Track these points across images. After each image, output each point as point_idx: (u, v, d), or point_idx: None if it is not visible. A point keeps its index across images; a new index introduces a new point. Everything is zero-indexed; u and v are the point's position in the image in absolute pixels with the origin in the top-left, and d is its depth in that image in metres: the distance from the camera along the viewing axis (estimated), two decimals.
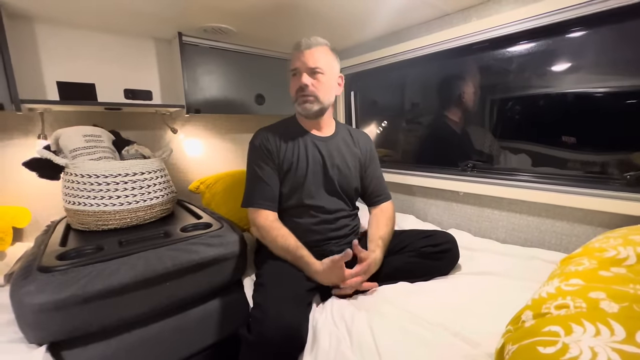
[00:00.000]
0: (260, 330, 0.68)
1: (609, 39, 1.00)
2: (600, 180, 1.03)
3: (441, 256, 0.97)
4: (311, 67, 0.97)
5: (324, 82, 0.99)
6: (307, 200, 1.03)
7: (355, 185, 1.11)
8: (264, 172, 1.01)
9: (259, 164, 1.02)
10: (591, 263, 0.63)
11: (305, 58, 0.98)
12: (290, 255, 0.93)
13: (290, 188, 1.04)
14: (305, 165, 1.04)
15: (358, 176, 1.13)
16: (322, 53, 0.99)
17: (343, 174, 1.08)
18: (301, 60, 0.98)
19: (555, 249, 1.09)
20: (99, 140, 1.17)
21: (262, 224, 0.99)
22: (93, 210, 1.05)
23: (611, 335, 0.40)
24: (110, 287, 0.77)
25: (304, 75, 0.97)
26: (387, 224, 1.06)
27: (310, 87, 0.98)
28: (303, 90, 0.98)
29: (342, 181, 1.08)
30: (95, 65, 1.36)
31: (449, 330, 0.71)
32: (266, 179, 1.01)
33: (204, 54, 1.51)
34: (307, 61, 0.97)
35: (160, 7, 1.16)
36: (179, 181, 1.70)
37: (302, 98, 1.00)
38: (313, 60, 0.97)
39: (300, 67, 0.98)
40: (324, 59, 0.99)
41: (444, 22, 1.30)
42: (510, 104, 1.26)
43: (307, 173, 1.03)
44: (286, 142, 1.04)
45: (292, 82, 1.02)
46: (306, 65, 0.97)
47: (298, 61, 0.99)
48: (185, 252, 0.91)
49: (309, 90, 0.98)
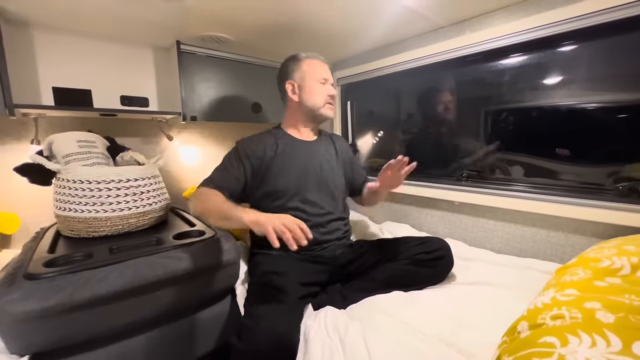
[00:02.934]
0: (250, 339, 0.66)
1: (600, 53, 1.02)
2: (594, 191, 1.04)
3: (435, 263, 0.97)
4: (332, 82, 1.13)
5: None
6: (300, 203, 1.05)
7: (342, 184, 1.18)
8: (231, 164, 1.05)
9: (230, 159, 1.06)
10: (586, 273, 0.63)
11: (328, 71, 1.12)
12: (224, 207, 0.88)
13: (281, 191, 1.04)
14: (299, 168, 1.07)
15: (343, 175, 1.20)
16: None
17: (332, 174, 1.14)
18: (329, 72, 1.12)
19: (550, 259, 1.09)
20: (92, 146, 1.16)
21: (200, 190, 0.99)
22: (84, 216, 1.03)
23: (607, 346, 0.39)
24: (99, 295, 0.75)
25: (332, 86, 1.12)
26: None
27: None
28: (333, 99, 1.11)
29: (332, 181, 1.13)
30: (92, 71, 1.36)
31: (443, 341, 0.69)
32: (228, 171, 1.04)
33: (201, 62, 1.52)
34: (330, 75, 1.12)
35: (160, 16, 1.17)
36: (173, 188, 1.69)
37: (329, 105, 1.10)
38: (331, 75, 1.13)
39: (330, 78, 1.12)
40: None
41: (438, 34, 1.33)
42: (504, 115, 1.28)
43: (302, 175, 1.06)
44: (275, 148, 1.08)
45: (320, 89, 1.09)
46: (331, 78, 1.12)
47: (327, 73, 1.11)
48: (178, 260, 0.89)
49: (334, 100, 1.12)
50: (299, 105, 1.10)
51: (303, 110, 1.10)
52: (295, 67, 1.09)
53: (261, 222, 0.75)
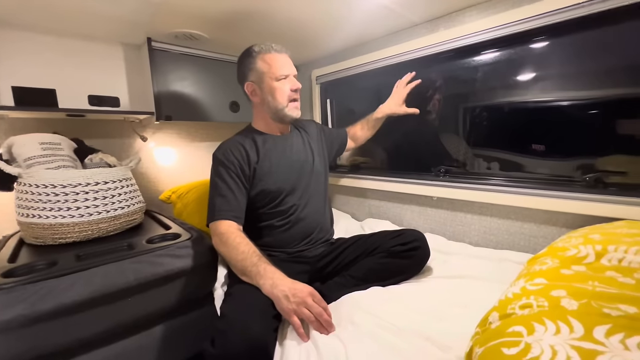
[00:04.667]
0: (224, 344, 0.64)
1: (569, 50, 1.05)
2: (563, 183, 1.08)
3: (411, 254, 0.97)
4: (295, 73, 1.02)
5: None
6: (295, 200, 1.05)
7: (323, 169, 1.18)
8: (228, 184, 0.96)
9: (222, 177, 0.97)
10: (554, 262, 0.64)
11: (290, 63, 1.02)
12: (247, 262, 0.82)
13: (270, 191, 1.02)
14: (282, 166, 1.05)
15: (324, 156, 1.20)
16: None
17: (313, 163, 1.13)
18: (289, 64, 1.01)
19: (525, 250, 1.12)
20: (57, 148, 1.10)
21: (222, 230, 0.90)
22: (49, 222, 0.98)
23: (570, 333, 0.40)
24: (63, 305, 0.71)
25: (295, 78, 1.01)
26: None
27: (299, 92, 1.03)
28: (297, 93, 1.02)
29: (317, 171, 1.12)
30: (57, 70, 1.29)
31: (422, 336, 0.70)
32: (230, 192, 0.96)
33: (175, 60, 1.47)
34: (291, 65, 1.02)
35: (128, 11, 1.13)
36: (149, 191, 1.63)
37: (294, 103, 1.02)
38: (292, 65, 1.02)
39: (291, 72, 1.00)
40: None
41: (413, 32, 1.34)
42: (478, 111, 1.30)
43: (291, 171, 1.05)
44: (256, 151, 1.03)
45: (283, 87, 0.99)
46: (293, 70, 1.01)
47: (287, 66, 1.00)
48: (150, 264, 0.86)
49: (299, 94, 1.03)
50: (262, 106, 1.05)
51: (268, 111, 1.04)
52: (250, 66, 1.01)
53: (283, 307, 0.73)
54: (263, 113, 1.07)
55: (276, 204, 1.03)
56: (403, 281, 0.97)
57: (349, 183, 1.72)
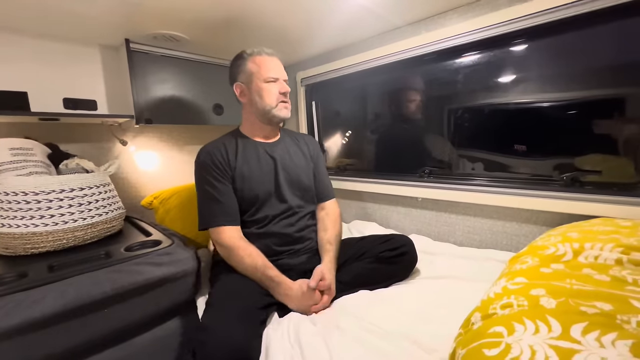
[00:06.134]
0: (204, 354, 0.62)
1: (547, 53, 1.08)
2: (542, 182, 1.10)
3: (399, 259, 0.98)
4: (285, 78, 1.04)
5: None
6: (266, 209, 1.01)
7: (309, 183, 1.12)
8: (217, 188, 0.97)
9: (209, 181, 0.98)
10: (534, 261, 0.65)
11: (280, 67, 1.03)
12: (258, 275, 0.89)
13: (247, 198, 1.00)
14: (260, 173, 1.02)
15: (311, 175, 1.14)
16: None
17: (298, 174, 1.09)
18: (279, 68, 1.03)
19: (507, 249, 1.14)
20: (29, 154, 1.05)
21: (227, 243, 0.94)
22: (20, 232, 0.93)
23: (549, 332, 0.41)
24: (32, 319, 0.67)
25: (285, 83, 1.03)
26: (334, 226, 1.08)
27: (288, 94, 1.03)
28: (286, 96, 1.03)
29: (299, 181, 1.08)
30: (29, 72, 1.24)
31: (408, 339, 0.69)
32: (221, 195, 0.97)
33: (155, 62, 1.44)
34: (283, 71, 1.04)
35: (104, 11, 1.09)
36: (130, 197, 1.59)
37: (283, 104, 1.03)
38: (284, 70, 1.04)
39: (280, 76, 1.02)
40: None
41: (396, 34, 1.35)
42: (461, 112, 1.33)
43: (262, 182, 1.02)
44: (236, 154, 1.02)
45: (271, 89, 1.00)
46: (283, 74, 1.03)
47: (277, 69, 1.02)
48: (128, 273, 0.83)
49: (288, 97, 1.04)
50: (250, 107, 1.04)
51: (256, 113, 1.04)
52: (240, 67, 1.02)
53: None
54: (251, 115, 1.06)
55: (252, 213, 1.01)
56: (390, 285, 0.97)
57: (335, 185, 1.70)
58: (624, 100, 0.96)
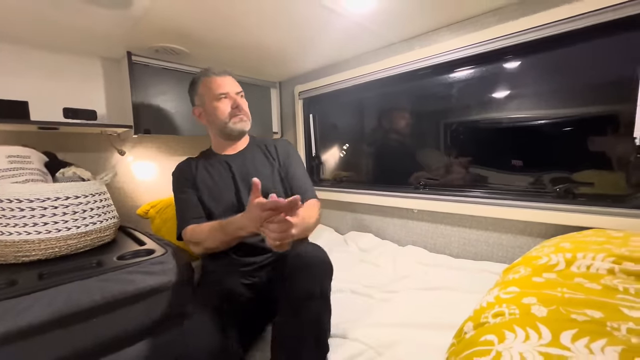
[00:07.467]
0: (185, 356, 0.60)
1: (540, 70, 1.10)
2: (536, 194, 1.11)
3: (307, 303, 0.73)
4: (237, 91, 1.06)
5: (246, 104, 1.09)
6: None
7: (275, 190, 1.04)
8: (187, 196, 1.04)
9: (182, 190, 1.05)
10: (527, 270, 0.65)
11: (229, 83, 1.05)
12: (223, 232, 0.88)
13: (210, 210, 1.02)
14: (218, 186, 1.04)
15: (278, 180, 1.08)
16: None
17: (264, 182, 0.99)
18: (228, 84, 1.05)
19: (502, 260, 1.14)
20: (26, 162, 1.05)
21: (190, 234, 0.96)
22: (12, 239, 0.92)
23: (539, 339, 0.40)
24: (19, 327, 0.66)
25: (237, 97, 1.05)
26: (309, 212, 0.95)
27: (244, 108, 1.06)
28: (240, 110, 1.04)
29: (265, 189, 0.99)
30: (30, 82, 1.26)
31: (399, 349, 0.68)
32: (185, 203, 1.03)
33: (155, 74, 1.47)
34: (233, 85, 1.05)
35: (106, 26, 1.12)
36: (126, 206, 1.58)
37: (238, 117, 1.05)
38: (236, 84, 1.07)
39: (230, 91, 1.04)
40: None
41: (390, 50, 1.39)
42: (455, 126, 1.35)
43: (222, 194, 1.03)
44: (199, 169, 1.07)
45: (221, 105, 1.03)
46: (234, 89, 1.05)
47: (225, 85, 1.04)
48: (118, 282, 0.82)
49: (244, 111, 1.05)
50: (210, 126, 1.09)
51: (215, 130, 1.08)
52: (195, 92, 1.08)
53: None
54: (213, 134, 1.11)
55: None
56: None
57: (332, 197, 1.72)
58: (615, 117, 0.98)
